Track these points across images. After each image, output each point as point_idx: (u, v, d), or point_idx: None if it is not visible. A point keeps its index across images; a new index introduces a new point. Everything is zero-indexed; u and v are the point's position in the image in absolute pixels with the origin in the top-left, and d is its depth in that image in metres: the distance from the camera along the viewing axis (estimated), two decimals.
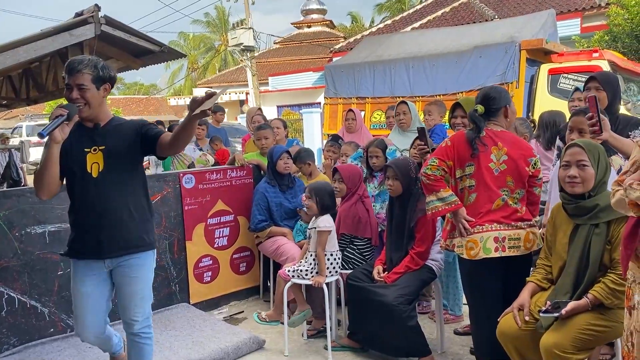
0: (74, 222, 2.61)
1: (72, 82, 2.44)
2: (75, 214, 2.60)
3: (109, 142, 2.55)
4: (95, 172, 2.53)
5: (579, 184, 2.51)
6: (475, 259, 2.83)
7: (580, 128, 2.96)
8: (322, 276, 3.62)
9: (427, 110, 4.72)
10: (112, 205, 2.55)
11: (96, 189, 2.53)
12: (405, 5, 29.17)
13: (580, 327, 2.36)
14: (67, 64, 2.46)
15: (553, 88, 8.05)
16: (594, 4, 13.90)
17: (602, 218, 2.48)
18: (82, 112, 2.46)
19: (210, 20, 38.15)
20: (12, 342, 3.42)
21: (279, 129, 5.33)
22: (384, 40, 11.18)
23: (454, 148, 2.93)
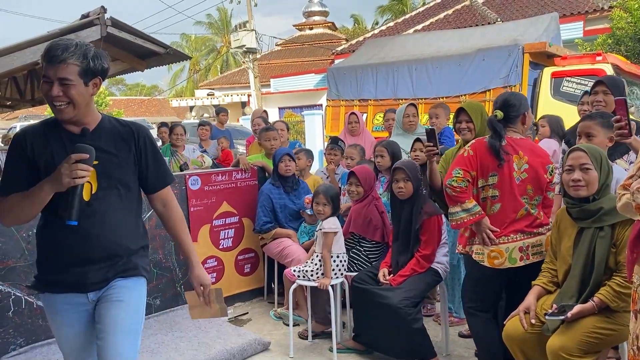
0: (52, 249, 2.00)
1: (53, 74, 1.88)
2: (53, 239, 2.00)
3: (102, 155, 1.99)
4: (87, 195, 1.96)
5: (583, 187, 2.53)
6: (496, 268, 2.87)
7: (588, 132, 2.97)
8: (328, 278, 3.63)
9: (433, 113, 4.74)
10: (106, 235, 2.01)
11: (88, 216, 1.95)
12: (408, 8, 29.22)
13: (587, 330, 2.38)
14: (47, 49, 1.89)
15: (556, 91, 8.06)
16: (597, 7, 13.93)
17: (606, 221, 2.49)
18: (64, 113, 1.92)
19: (213, 21, 38.21)
20: (19, 343, 3.44)
21: (282, 131, 5.37)
22: (386, 42, 11.19)
23: (477, 158, 2.90)
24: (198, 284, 2.21)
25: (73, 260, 1.99)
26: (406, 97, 8.90)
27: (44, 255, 2.06)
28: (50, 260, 2.02)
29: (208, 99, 27.13)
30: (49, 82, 1.89)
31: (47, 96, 1.91)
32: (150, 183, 2.18)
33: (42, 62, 1.90)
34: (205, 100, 27.50)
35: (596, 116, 3.00)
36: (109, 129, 2.07)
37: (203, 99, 27.94)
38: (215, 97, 26.41)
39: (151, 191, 2.19)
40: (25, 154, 1.94)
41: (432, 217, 3.39)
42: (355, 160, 4.59)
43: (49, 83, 1.89)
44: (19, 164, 1.95)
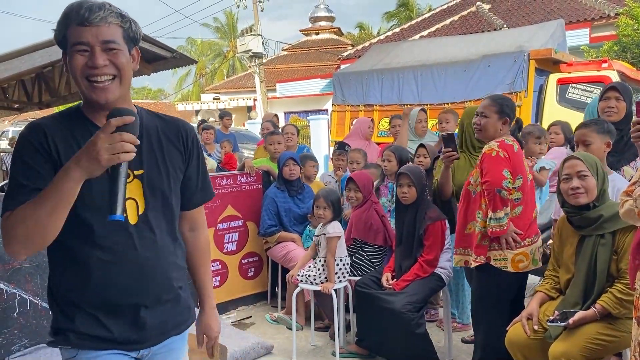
0: (88, 287, 1.44)
1: (94, 37, 1.35)
2: (86, 277, 1.44)
3: (148, 161, 1.50)
4: (134, 216, 1.47)
5: (583, 194, 2.54)
6: (519, 272, 2.87)
7: (584, 140, 3.00)
8: (331, 282, 3.64)
9: (444, 118, 4.76)
10: (159, 265, 1.52)
11: (135, 243, 1.47)
12: (414, 14, 29.26)
13: (589, 337, 2.38)
14: (73, 8, 1.36)
15: (562, 98, 8.06)
16: (603, 14, 13.91)
17: (607, 228, 2.50)
18: (109, 92, 1.39)
19: (219, 26, 38.37)
20: (24, 343, 3.45)
21: (293, 135, 5.39)
22: (392, 48, 11.23)
23: (510, 160, 2.87)
24: (202, 334, 1.78)
25: (122, 306, 1.48)
26: (411, 103, 8.93)
27: (74, 301, 1.46)
28: (87, 307, 1.46)
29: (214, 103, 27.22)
30: (85, 50, 1.36)
31: (83, 70, 1.37)
32: (188, 197, 1.66)
33: (66, 27, 1.37)
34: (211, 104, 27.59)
35: (591, 123, 3.03)
36: (150, 126, 1.54)
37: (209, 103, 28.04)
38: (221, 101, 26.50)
39: (186, 207, 1.67)
40: (47, 153, 1.38)
41: (436, 222, 3.40)
42: (360, 164, 4.60)
43: (85, 52, 1.36)
44: (37, 167, 1.37)
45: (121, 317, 1.48)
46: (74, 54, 1.37)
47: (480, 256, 2.90)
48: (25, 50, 4.59)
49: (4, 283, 3.36)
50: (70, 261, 1.45)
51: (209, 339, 1.77)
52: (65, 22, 1.37)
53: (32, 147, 1.37)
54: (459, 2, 19.21)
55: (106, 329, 1.46)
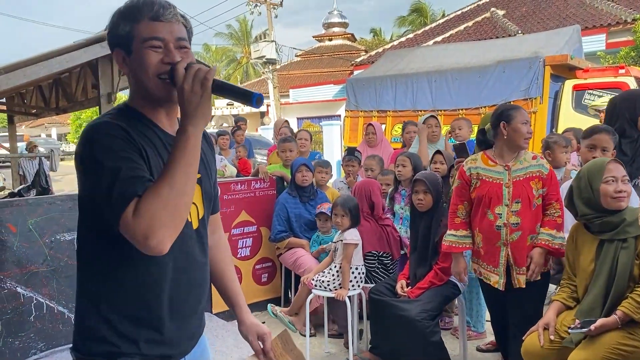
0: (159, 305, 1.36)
1: (169, 33, 1.31)
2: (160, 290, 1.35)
3: (200, 165, 1.36)
4: (195, 221, 1.43)
5: (626, 197, 2.52)
6: None
7: (605, 147, 2.99)
8: (345, 289, 3.62)
9: (457, 125, 4.73)
10: (208, 271, 1.53)
11: (198, 249, 1.44)
12: (428, 20, 29.23)
13: (609, 347, 2.33)
14: (143, 3, 1.31)
15: (577, 104, 7.98)
16: (619, 20, 13.78)
17: (630, 233, 2.47)
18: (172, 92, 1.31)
19: (233, 32, 38.66)
20: (40, 347, 3.48)
21: (306, 141, 5.39)
22: (406, 53, 11.22)
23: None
24: (255, 337, 1.59)
25: (187, 314, 1.43)
26: (425, 109, 8.91)
27: (146, 313, 1.34)
28: (158, 319, 1.36)
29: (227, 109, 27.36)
30: (158, 47, 1.30)
31: (158, 68, 1.30)
32: (214, 201, 1.60)
33: (134, 22, 1.31)
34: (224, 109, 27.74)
35: (610, 130, 3.03)
36: None
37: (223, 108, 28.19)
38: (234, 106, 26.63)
39: (214, 211, 1.62)
40: (137, 147, 1.28)
41: None
42: (375, 171, 4.58)
43: (158, 48, 1.30)
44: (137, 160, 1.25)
45: (184, 330, 1.41)
46: (145, 50, 1.30)
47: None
48: (43, 57, 4.65)
49: (21, 287, 3.40)
50: (142, 276, 1.32)
51: (264, 339, 1.59)
52: (134, 17, 1.31)
53: (123, 142, 1.25)
54: (473, 8, 19.16)
55: (168, 346, 1.39)
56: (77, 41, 4.88)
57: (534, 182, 2.91)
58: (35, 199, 3.80)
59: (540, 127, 7.68)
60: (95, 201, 1.23)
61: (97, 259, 1.33)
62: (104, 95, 5.42)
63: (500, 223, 2.92)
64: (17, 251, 3.38)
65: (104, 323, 1.33)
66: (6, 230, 3.35)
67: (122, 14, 1.33)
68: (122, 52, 1.35)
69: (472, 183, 3.04)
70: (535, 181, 2.91)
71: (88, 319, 1.35)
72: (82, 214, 1.35)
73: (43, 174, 7.56)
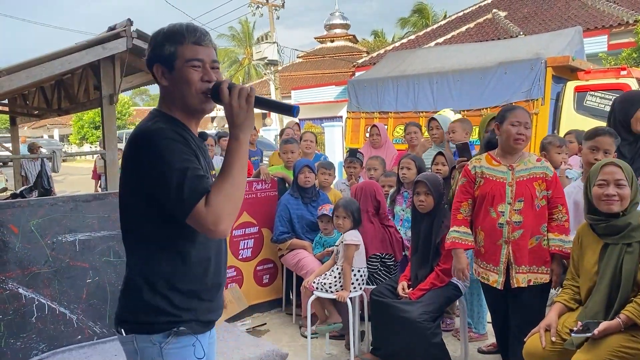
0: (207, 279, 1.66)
1: (208, 56, 1.60)
2: (207, 266, 1.66)
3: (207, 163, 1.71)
4: None
5: (617, 202, 2.50)
6: None
7: (607, 149, 2.99)
8: (347, 291, 3.62)
9: (451, 128, 4.73)
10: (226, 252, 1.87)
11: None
12: (429, 21, 29.23)
13: (612, 349, 2.33)
14: (190, 28, 1.60)
15: (579, 106, 7.95)
16: (621, 21, 13.76)
17: (635, 237, 2.46)
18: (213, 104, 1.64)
19: (235, 33, 38.71)
20: (41, 348, 3.48)
21: (312, 143, 5.39)
22: (407, 55, 11.20)
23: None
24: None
25: (222, 285, 1.74)
26: (427, 110, 8.90)
27: (200, 286, 1.64)
28: (206, 293, 1.65)
29: None
30: (198, 66, 1.58)
31: (200, 85, 1.58)
32: None
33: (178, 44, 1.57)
34: None
35: (612, 133, 3.03)
36: None
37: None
38: None
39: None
40: (189, 145, 1.57)
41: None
42: (378, 171, 4.58)
43: (197, 67, 1.58)
44: (197, 161, 1.55)
45: (219, 300, 1.73)
46: (188, 69, 1.57)
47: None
48: (45, 58, 4.66)
49: (22, 288, 3.40)
50: (196, 254, 1.60)
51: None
52: (179, 40, 1.57)
53: (182, 146, 1.52)
54: (474, 9, 19.15)
55: (214, 313, 1.71)
56: (79, 42, 4.89)
57: (537, 182, 2.93)
58: (37, 200, 3.80)
59: (541, 128, 7.66)
60: (156, 196, 1.49)
61: (162, 244, 1.58)
62: (106, 97, 5.44)
63: (503, 221, 2.93)
64: (19, 252, 3.39)
65: (163, 298, 1.57)
66: (8, 231, 3.35)
67: (167, 37, 1.59)
68: (162, 67, 1.60)
69: (476, 181, 3.06)
70: (538, 182, 2.93)
71: (147, 295, 1.57)
72: (136, 207, 1.57)
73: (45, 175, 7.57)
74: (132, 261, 1.63)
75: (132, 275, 1.62)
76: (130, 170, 1.56)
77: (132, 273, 1.62)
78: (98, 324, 3.71)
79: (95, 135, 28.97)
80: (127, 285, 1.63)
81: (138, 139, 1.54)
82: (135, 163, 1.53)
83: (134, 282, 1.60)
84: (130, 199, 1.59)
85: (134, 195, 1.56)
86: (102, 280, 3.71)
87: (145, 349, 1.59)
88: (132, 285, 1.61)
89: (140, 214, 1.58)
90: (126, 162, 1.57)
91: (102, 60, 5.30)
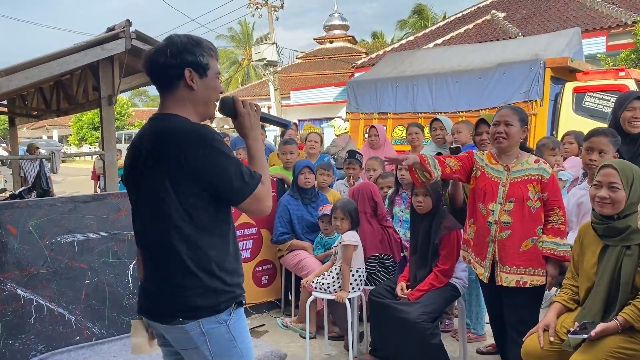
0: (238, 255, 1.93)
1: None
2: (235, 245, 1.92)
3: None
4: None
5: (609, 204, 2.50)
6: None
7: (602, 149, 3.00)
8: (345, 291, 3.62)
9: (455, 129, 4.72)
10: None
11: None
12: (428, 22, 29.25)
13: (610, 350, 2.33)
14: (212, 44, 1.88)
15: (578, 106, 7.97)
16: (620, 22, 13.78)
17: (634, 240, 2.44)
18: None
19: (234, 34, 38.71)
20: (40, 349, 3.48)
21: (316, 143, 5.38)
22: (406, 56, 11.21)
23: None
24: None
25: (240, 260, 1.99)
26: (426, 111, 8.92)
27: (237, 269, 1.88)
28: (238, 263, 1.91)
29: None
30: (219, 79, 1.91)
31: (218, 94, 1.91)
32: None
33: (211, 57, 1.84)
34: None
35: (608, 133, 3.03)
36: None
37: None
38: None
39: None
40: None
41: (451, 232, 3.37)
42: (377, 171, 4.58)
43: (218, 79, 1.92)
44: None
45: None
46: (216, 80, 1.86)
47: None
48: (44, 59, 4.65)
49: (21, 289, 3.40)
50: (232, 235, 1.88)
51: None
52: (211, 53, 1.84)
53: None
54: (473, 10, 19.17)
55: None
56: (78, 43, 4.88)
57: (531, 184, 2.91)
58: (35, 200, 3.80)
59: (540, 129, 7.66)
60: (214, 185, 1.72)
61: (213, 230, 1.78)
62: (105, 98, 5.43)
63: (492, 220, 2.95)
64: (18, 253, 3.38)
65: (219, 279, 1.78)
66: (6, 232, 3.35)
67: (201, 46, 1.81)
68: (193, 72, 1.79)
69: (473, 168, 3.10)
70: (533, 184, 2.91)
71: (207, 281, 1.76)
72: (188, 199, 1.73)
73: (43, 175, 7.56)
74: (183, 255, 1.74)
75: (184, 268, 1.74)
76: (181, 164, 1.69)
77: (184, 265, 1.74)
78: (97, 324, 3.70)
79: (95, 136, 28.95)
80: (182, 278, 1.74)
81: (190, 136, 1.71)
82: (189, 157, 1.68)
83: (191, 272, 1.74)
84: (181, 192, 1.72)
85: (188, 188, 1.71)
86: (100, 281, 3.71)
87: (213, 329, 1.77)
88: (189, 276, 1.74)
89: (193, 205, 1.73)
90: (176, 158, 1.69)
91: (101, 61, 5.29)
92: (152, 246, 1.81)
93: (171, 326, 1.77)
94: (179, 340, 1.81)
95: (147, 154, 1.75)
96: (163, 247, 1.75)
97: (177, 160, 1.69)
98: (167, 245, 1.74)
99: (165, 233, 1.73)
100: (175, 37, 1.82)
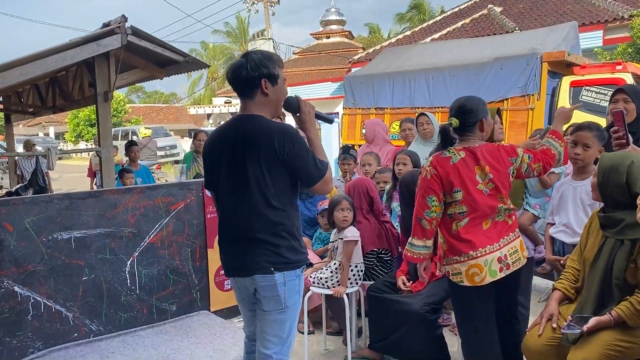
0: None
1: None
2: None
3: None
4: None
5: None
6: (478, 285, 2.68)
7: (586, 143, 3.07)
8: (344, 286, 3.62)
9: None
10: None
11: None
12: (426, 16, 29.20)
13: (607, 344, 2.33)
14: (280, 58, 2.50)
15: (575, 100, 7.96)
16: (616, 16, 13.77)
17: (628, 235, 2.43)
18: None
19: (230, 30, 38.59)
20: (37, 346, 3.48)
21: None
22: (403, 51, 11.20)
23: (439, 176, 2.72)
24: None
25: None
26: (423, 106, 8.90)
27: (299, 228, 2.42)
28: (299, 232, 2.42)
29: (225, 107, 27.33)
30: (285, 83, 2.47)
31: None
32: None
33: (279, 68, 2.37)
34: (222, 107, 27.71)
35: (593, 128, 3.09)
36: None
37: (220, 106, 28.15)
38: (232, 104, 26.60)
39: None
40: None
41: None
42: (372, 166, 4.57)
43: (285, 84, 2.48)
44: None
45: None
46: (283, 85, 2.39)
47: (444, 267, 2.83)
48: (39, 55, 4.60)
49: (18, 286, 3.39)
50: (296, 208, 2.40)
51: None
52: (280, 65, 2.38)
53: None
54: (470, 4, 19.13)
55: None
56: (74, 39, 4.84)
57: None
58: (32, 197, 3.78)
59: (537, 123, 7.66)
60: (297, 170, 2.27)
61: (294, 205, 2.37)
62: (101, 94, 5.39)
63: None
64: (14, 250, 3.37)
65: (298, 242, 2.36)
66: (3, 230, 3.34)
67: (272, 60, 2.34)
68: (267, 81, 2.31)
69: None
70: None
71: (293, 242, 2.32)
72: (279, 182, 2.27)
73: (40, 172, 7.51)
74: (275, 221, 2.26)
75: (275, 232, 2.27)
76: (275, 154, 2.20)
77: (275, 230, 2.27)
78: (94, 321, 3.70)
79: (91, 132, 28.88)
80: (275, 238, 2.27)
81: (287, 133, 2.24)
82: (282, 149, 2.20)
83: (281, 236, 2.28)
84: (272, 176, 2.24)
85: (278, 172, 2.24)
86: (98, 278, 3.70)
87: (291, 281, 2.31)
88: (279, 238, 2.27)
89: (280, 185, 2.26)
90: (271, 148, 2.20)
91: (96, 57, 5.24)
92: (246, 216, 2.27)
93: (264, 276, 2.26)
94: (266, 288, 2.29)
95: (243, 144, 2.24)
96: (258, 216, 2.24)
97: (272, 150, 2.19)
98: (262, 215, 2.24)
99: (261, 206, 2.24)
100: (252, 54, 2.32)
